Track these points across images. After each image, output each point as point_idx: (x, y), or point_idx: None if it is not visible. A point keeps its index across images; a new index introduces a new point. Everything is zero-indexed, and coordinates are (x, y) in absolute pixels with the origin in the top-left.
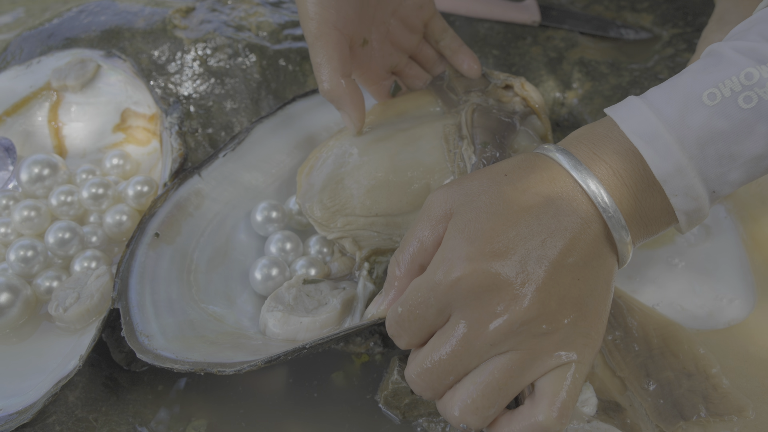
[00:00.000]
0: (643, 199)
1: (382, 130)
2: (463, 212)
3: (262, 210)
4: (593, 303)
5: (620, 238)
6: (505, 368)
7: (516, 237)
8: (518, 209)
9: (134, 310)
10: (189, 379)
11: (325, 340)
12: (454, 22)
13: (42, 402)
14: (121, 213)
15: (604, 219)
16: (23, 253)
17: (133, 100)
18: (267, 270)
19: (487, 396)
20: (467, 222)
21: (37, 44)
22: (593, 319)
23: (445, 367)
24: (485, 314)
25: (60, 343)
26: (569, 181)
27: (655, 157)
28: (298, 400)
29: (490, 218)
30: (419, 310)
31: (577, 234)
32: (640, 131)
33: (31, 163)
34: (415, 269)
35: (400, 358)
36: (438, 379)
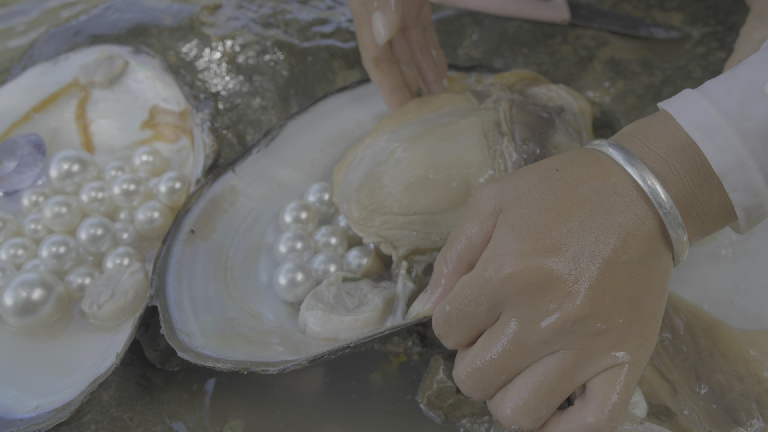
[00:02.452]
0: (701, 195)
1: (419, 127)
2: (513, 208)
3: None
4: (648, 302)
5: (677, 236)
6: (558, 369)
7: (569, 233)
8: (570, 205)
9: (173, 308)
10: (224, 379)
11: (369, 339)
12: (482, 21)
13: (79, 400)
14: (152, 209)
15: (660, 216)
16: (55, 249)
17: (161, 96)
18: (292, 275)
19: (540, 397)
20: (518, 218)
21: (64, 41)
22: (648, 319)
23: (496, 367)
24: (537, 312)
25: (94, 341)
26: (623, 177)
27: (714, 151)
28: (337, 401)
29: (541, 214)
30: (469, 308)
31: (631, 231)
32: (698, 124)
33: (60, 159)
34: (463, 267)
35: (444, 357)
36: (489, 379)
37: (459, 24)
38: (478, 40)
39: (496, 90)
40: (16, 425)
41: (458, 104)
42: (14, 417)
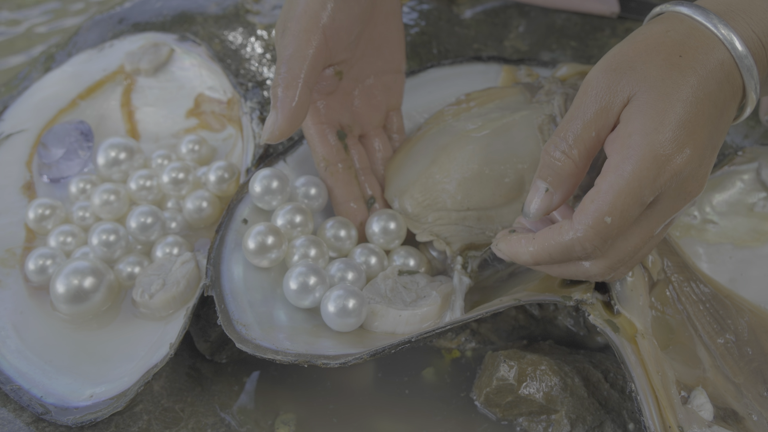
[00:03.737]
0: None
1: (472, 121)
2: (651, 99)
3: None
4: (718, 140)
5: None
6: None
7: (706, 125)
8: (703, 97)
9: (228, 298)
10: (274, 372)
11: (430, 333)
12: (529, 13)
13: (134, 390)
14: (201, 199)
15: (744, 80)
16: (105, 237)
17: (207, 84)
18: (304, 279)
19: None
20: (663, 111)
21: (108, 28)
22: (712, 156)
23: (643, 251)
24: (682, 196)
25: (145, 330)
26: (731, 62)
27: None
28: (389, 397)
29: (683, 106)
30: (633, 212)
31: (729, 103)
32: None
33: (108, 146)
34: (588, 157)
35: (505, 356)
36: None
37: (505, 16)
38: (525, 32)
39: (548, 83)
40: (71, 413)
41: (508, 98)
42: (69, 405)
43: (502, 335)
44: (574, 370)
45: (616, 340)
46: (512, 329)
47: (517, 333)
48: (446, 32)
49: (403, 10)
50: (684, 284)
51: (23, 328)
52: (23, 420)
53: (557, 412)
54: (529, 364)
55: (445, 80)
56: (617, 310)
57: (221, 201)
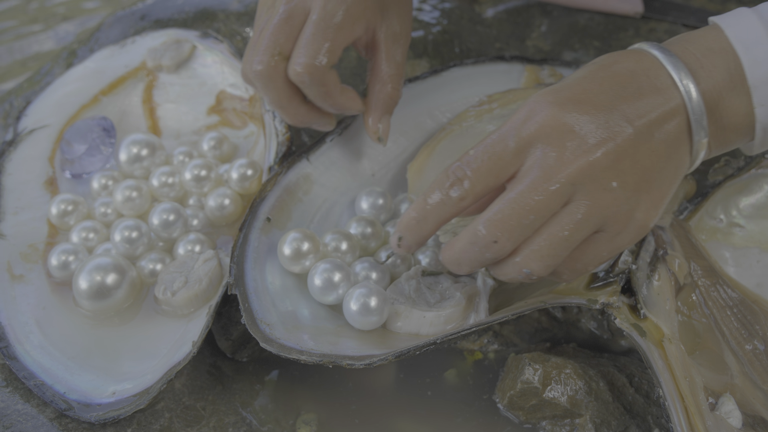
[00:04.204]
0: (727, 99)
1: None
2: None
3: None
4: (660, 184)
5: (698, 133)
6: (573, 218)
7: (600, 94)
8: (604, 76)
9: (252, 297)
10: (295, 372)
11: (455, 335)
12: (552, 12)
13: (157, 388)
14: (223, 196)
15: (688, 110)
16: (128, 234)
17: (229, 82)
18: (328, 275)
19: (553, 244)
20: (552, 87)
21: (130, 25)
22: (655, 200)
23: (525, 211)
24: (564, 156)
25: (166, 328)
26: (658, 67)
27: (752, 62)
28: (411, 398)
29: (576, 81)
30: (497, 148)
31: (659, 112)
32: (743, 37)
33: (130, 143)
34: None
35: (529, 358)
36: (518, 223)
37: (527, 15)
38: (547, 31)
39: None
40: (94, 410)
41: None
42: (92, 401)
43: (525, 337)
44: (599, 374)
45: (643, 344)
46: (535, 331)
47: (539, 335)
48: (468, 31)
49: (425, 9)
50: (711, 288)
51: (46, 323)
52: (46, 416)
53: (581, 416)
54: (553, 367)
55: (467, 79)
56: (643, 314)
57: (243, 199)
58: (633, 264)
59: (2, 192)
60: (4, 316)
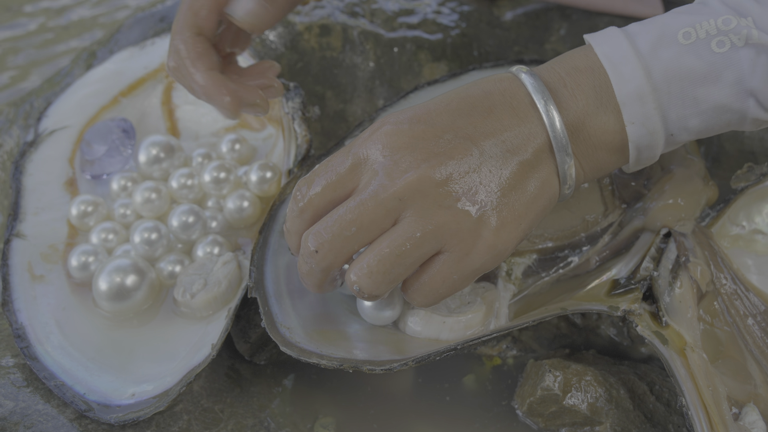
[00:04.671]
0: (595, 117)
1: None
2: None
3: None
4: (514, 206)
5: (561, 158)
6: (405, 234)
7: (444, 113)
8: (454, 97)
9: (272, 300)
10: (313, 375)
11: (476, 341)
12: (571, 15)
13: (176, 390)
14: (242, 198)
15: (548, 132)
16: (147, 236)
17: None
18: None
19: (384, 261)
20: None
21: (149, 26)
22: (509, 219)
23: (349, 223)
24: (398, 168)
25: (186, 330)
26: (517, 86)
27: (619, 79)
28: (430, 403)
29: (424, 104)
30: (333, 162)
31: (513, 130)
32: (611, 55)
33: (149, 144)
34: None
35: (549, 365)
36: (343, 237)
37: (546, 18)
38: (566, 35)
39: None
40: (114, 411)
41: None
42: (112, 403)
43: (544, 343)
44: (619, 382)
45: (665, 352)
46: (554, 337)
47: (558, 341)
48: (487, 34)
49: (444, 12)
50: (733, 296)
51: (66, 324)
52: (66, 416)
53: (602, 424)
54: (573, 374)
55: None
56: (665, 322)
57: (262, 201)
58: (654, 271)
59: (23, 192)
60: (24, 316)
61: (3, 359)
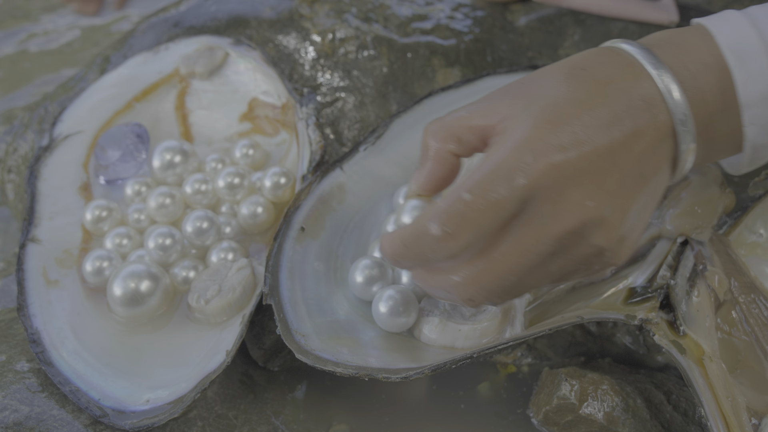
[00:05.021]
0: (718, 120)
1: None
2: (539, 100)
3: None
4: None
5: (685, 155)
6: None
7: (599, 130)
8: (602, 102)
9: (287, 308)
10: (327, 382)
11: (492, 349)
12: (585, 21)
13: (191, 397)
14: (256, 204)
15: (675, 129)
16: (161, 241)
17: (261, 89)
18: (369, 272)
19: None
20: (548, 107)
21: (163, 31)
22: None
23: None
24: (564, 207)
25: (200, 336)
26: (650, 83)
27: (745, 79)
28: (445, 411)
29: (572, 105)
30: (498, 194)
31: (648, 139)
32: (736, 47)
33: (163, 149)
34: (452, 141)
35: (566, 374)
36: (512, 285)
37: (560, 24)
38: (580, 41)
39: None
40: (129, 417)
41: None
42: (127, 408)
43: (559, 351)
44: (636, 391)
45: (683, 362)
46: (569, 345)
47: (573, 349)
48: (500, 39)
49: (457, 17)
50: (752, 305)
51: (80, 329)
52: (81, 422)
53: None
54: (590, 383)
55: None
56: (683, 331)
57: (275, 207)
58: (671, 279)
59: (38, 197)
60: (39, 321)
61: (18, 364)
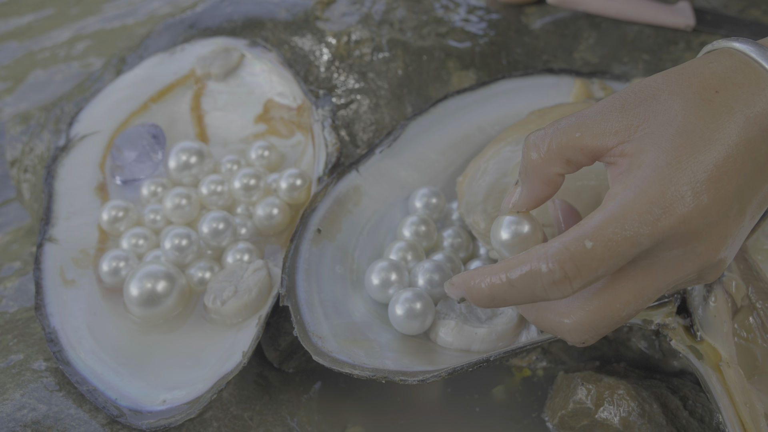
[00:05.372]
0: None
1: None
2: (669, 135)
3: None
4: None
5: None
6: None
7: (735, 180)
8: (738, 141)
9: (304, 309)
10: (342, 384)
11: (509, 353)
12: (600, 24)
13: (208, 398)
14: (272, 206)
15: None
16: (178, 242)
17: (277, 90)
18: (386, 274)
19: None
20: (680, 148)
21: (179, 32)
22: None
23: (632, 310)
24: (687, 257)
25: (215, 337)
26: None
27: None
28: (460, 414)
29: (708, 147)
30: (623, 248)
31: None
32: None
33: (179, 150)
34: (559, 162)
35: (582, 378)
36: (617, 321)
37: (575, 27)
38: (595, 44)
39: None
40: (145, 417)
41: None
42: (143, 409)
43: (574, 355)
44: (652, 396)
45: (701, 367)
46: (584, 349)
47: (588, 353)
48: (515, 42)
49: (472, 20)
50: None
51: (97, 329)
52: (98, 421)
53: None
54: (606, 387)
55: (516, 92)
56: (700, 336)
57: (291, 208)
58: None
59: (55, 197)
60: (56, 320)
61: (35, 363)
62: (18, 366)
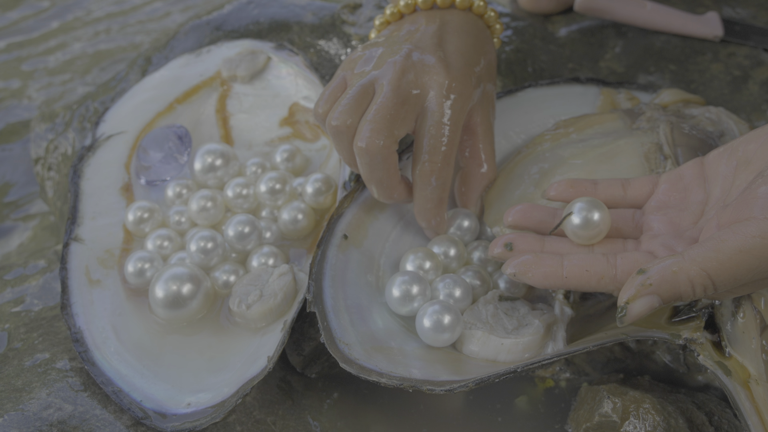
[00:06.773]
0: None
1: (572, 148)
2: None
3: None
4: None
5: None
6: None
7: None
8: None
9: (330, 316)
10: (365, 390)
11: (536, 364)
12: (627, 33)
13: (233, 402)
14: (297, 210)
15: None
16: (203, 245)
17: (302, 94)
18: (407, 287)
19: None
20: None
21: (205, 34)
22: None
23: None
24: None
25: (240, 341)
26: None
27: None
28: (483, 424)
29: None
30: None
31: None
32: None
33: (205, 152)
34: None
35: (607, 391)
36: None
37: (601, 35)
38: (621, 53)
39: (649, 110)
40: (170, 420)
41: (608, 124)
42: (168, 411)
43: (597, 367)
44: (678, 410)
45: (729, 384)
46: (607, 361)
47: (612, 365)
48: (541, 50)
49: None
50: None
51: (122, 330)
52: (123, 422)
53: None
54: (632, 401)
55: (542, 101)
56: (729, 352)
57: (316, 213)
58: (716, 299)
59: (81, 197)
60: (82, 320)
61: (60, 362)
62: (44, 365)
